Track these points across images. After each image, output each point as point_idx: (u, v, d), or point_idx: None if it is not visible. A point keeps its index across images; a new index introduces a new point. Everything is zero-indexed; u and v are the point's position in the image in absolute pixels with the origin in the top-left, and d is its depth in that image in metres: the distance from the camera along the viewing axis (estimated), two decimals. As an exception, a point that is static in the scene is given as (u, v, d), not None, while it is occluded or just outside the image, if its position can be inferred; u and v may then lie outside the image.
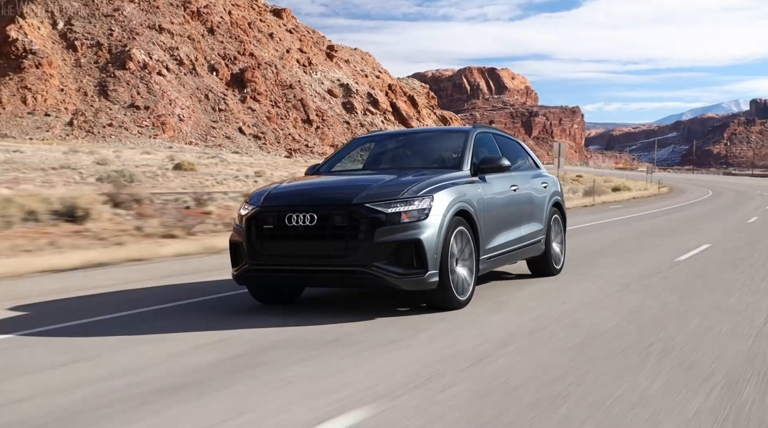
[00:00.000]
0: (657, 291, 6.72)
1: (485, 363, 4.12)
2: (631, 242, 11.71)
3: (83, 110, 77.81)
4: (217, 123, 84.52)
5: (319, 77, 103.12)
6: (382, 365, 4.06)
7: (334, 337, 4.90)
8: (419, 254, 5.65)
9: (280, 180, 8.06)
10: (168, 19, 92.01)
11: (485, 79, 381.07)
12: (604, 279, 7.52)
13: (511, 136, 8.67)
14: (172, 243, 10.26)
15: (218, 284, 7.21)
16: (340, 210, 5.71)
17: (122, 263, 8.77)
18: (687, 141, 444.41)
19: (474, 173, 6.78)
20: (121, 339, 4.85)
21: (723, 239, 12.46)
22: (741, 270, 8.17)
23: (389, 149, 7.89)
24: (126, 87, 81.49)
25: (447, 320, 5.53)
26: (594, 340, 4.67)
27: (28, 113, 74.26)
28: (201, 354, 4.40)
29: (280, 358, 4.25)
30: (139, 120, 78.68)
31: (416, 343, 4.65)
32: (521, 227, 7.53)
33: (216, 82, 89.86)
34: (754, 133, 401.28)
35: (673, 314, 5.58)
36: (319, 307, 6.32)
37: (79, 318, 5.47)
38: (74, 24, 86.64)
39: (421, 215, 5.75)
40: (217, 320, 5.56)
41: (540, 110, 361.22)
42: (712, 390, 3.50)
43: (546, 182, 8.50)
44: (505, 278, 8.06)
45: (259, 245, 5.88)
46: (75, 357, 4.32)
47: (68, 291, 6.80)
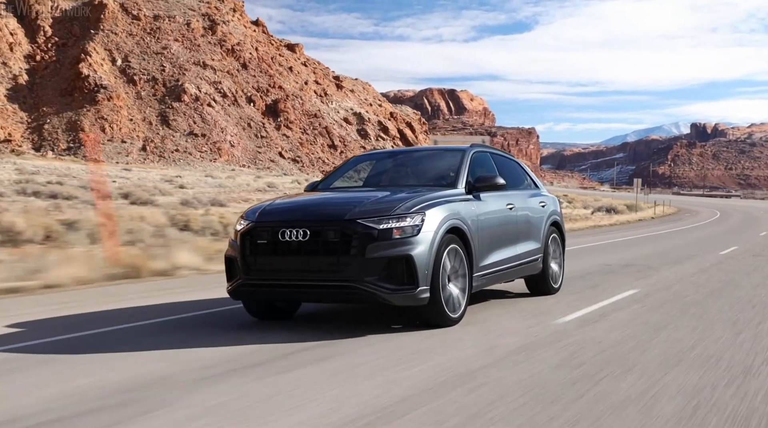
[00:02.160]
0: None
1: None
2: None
3: (152, 137, 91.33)
4: (261, 148, 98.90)
5: (334, 107, 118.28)
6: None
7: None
8: (410, 270, 5.82)
9: (277, 196, 8.67)
10: (209, 56, 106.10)
11: (445, 100, 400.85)
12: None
13: (511, 155, 8.99)
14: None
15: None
16: (332, 226, 5.89)
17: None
18: (633, 161, 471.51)
19: (469, 191, 7.01)
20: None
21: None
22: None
23: (387, 167, 8.17)
24: (183, 117, 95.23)
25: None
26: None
27: (108, 140, 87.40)
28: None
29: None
30: (198, 146, 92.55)
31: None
32: (517, 246, 7.74)
33: (254, 112, 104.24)
34: (695, 155, 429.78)
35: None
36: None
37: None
38: (131, 61, 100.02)
39: (412, 231, 5.92)
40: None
41: (498, 131, 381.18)
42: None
43: (544, 202, 8.71)
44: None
45: (252, 260, 6.13)
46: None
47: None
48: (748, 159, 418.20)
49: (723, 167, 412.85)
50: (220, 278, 7.75)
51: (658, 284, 9.82)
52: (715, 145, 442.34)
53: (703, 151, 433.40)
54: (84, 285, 9.53)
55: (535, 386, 4.30)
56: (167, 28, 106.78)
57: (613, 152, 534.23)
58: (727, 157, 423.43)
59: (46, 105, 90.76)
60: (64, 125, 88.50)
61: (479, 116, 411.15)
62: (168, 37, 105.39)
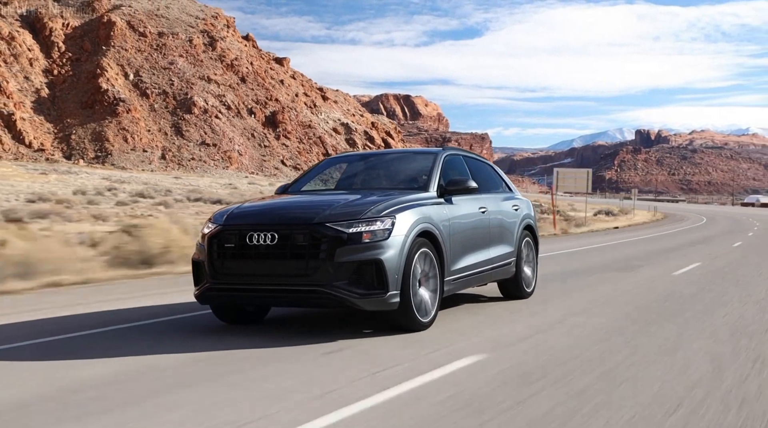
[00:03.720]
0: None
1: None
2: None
3: (169, 147, 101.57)
4: (265, 157, 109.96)
5: (323, 118, 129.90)
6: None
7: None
8: (380, 275, 5.80)
9: (246, 199, 8.64)
10: (212, 71, 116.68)
11: (401, 106, 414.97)
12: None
13: (484, 158, 8.95)
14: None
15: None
16: (301, 229, 5.87)
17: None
18: (581, 166, 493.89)
19: (440, 194, 6.99)
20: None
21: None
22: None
23: (360, 170, 8.08)
24: (195, 127, 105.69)
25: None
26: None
27: (131, 150, 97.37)
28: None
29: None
30: (211, 154, 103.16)
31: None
32: (490, 249, 7.74)
33: (256, 123, 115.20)
34: (640, 160, 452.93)
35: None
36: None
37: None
38: (142, 75, 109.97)
39: (382, 235, 5.90)
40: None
41: (452, 136, 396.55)
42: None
43: (517, 205, 8.71)
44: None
45: (220, 264, 6.09)
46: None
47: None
48: (690, 165, 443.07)
49: (666, 173, 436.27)
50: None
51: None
52: (659, 151, 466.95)
53: (647, 157, 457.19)
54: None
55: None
56: (172, 45, 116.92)
57: (562, 157, 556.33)
58: (670, 163, 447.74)
59: (70, 117, 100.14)
60: (90, 136, 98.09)
61: (433, 122, 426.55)
62: (173, 53, 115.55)
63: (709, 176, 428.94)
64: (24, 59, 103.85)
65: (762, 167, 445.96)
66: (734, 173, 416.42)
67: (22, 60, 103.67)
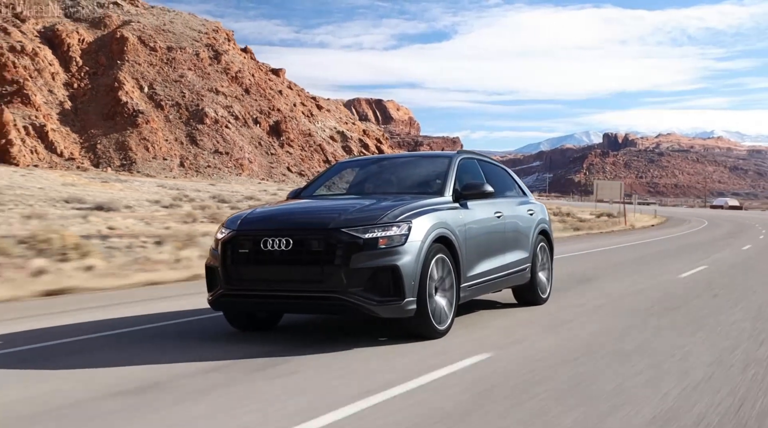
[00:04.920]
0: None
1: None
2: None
3: (186, 155, 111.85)
4: (273, 164, 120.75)
5: (320, 126, 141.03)
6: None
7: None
8: (396, 281, 5.88)
9: (259, 204, 8.51)
10: (219, 83, 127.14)
11: (373, 110, 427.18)
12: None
13: (497, 162, 9.01)
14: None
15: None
16: (315, 235, 5.96)
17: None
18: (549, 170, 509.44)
19: (456, 199, 7.09)
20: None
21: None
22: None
23: (372, 174, 8.24)
24: (208, 137, 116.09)
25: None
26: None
27: (153, 158, 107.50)
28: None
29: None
30: (224, 162, 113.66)
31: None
32: (505, 255, 7.86)
33: (261, 132, 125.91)
34: (609, 164, 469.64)
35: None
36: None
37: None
38: (155, 88, 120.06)
39: (399, 241, 5.98)
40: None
41: (424, 140, 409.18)
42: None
43: (532, 210, 8.85)
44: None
45: (234, 270, 6.22)
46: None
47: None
48: (657, 168, 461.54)
49: (634, 176, 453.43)
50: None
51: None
52: (627, 154, 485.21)
53: (615, 160, 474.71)
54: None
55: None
56: (180, 58, 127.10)
57: (530, 160, 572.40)
58: (637, 166, 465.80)
59: (93, 127, 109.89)
60: (114, 145, 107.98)
61: (405, 126, 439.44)
62: (182, 67, 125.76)
63: (676, 178, 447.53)
64: (47, 74, 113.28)
65: (727, 169, 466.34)
66: (700, 175, 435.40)
67: (45, 74, 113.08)
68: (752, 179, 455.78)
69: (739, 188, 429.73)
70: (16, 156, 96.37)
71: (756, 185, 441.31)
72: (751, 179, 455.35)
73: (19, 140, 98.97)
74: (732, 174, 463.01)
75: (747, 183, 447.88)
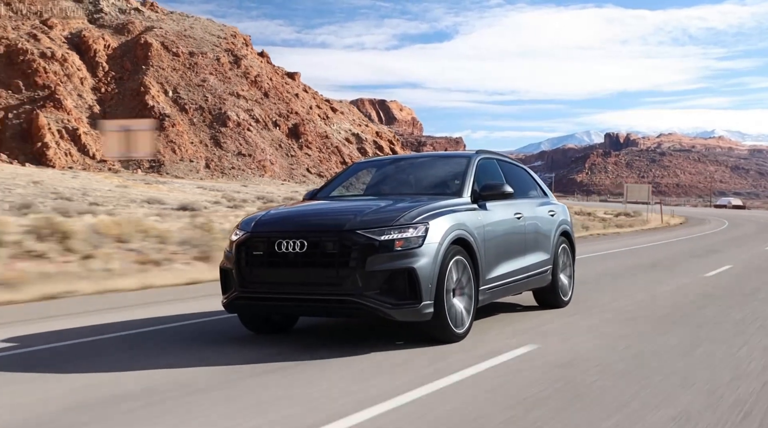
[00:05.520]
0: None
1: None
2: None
3: (211, 157, 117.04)
4: (293, 166, 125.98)
5: (336, 128, 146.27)
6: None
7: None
8: (413, 284, 5.87)
9: (274, 205, 8.45)
10: (239, 87, 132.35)
11: (376, 110, 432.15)
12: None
13: (517, 162, 8.99)
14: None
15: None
16: (330, 237, 5.96)
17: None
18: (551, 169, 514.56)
19: (474, 199, 7.08)
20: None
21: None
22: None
23: (389, 175, 8.27)
24: (231, 139, 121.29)
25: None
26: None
27: (180, 160, 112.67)
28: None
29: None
30: (247, 164, 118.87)
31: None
32: (526, 257, 7.86)
33: (281, 135, 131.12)
34: (610, 164, 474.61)
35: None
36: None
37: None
38: (179, 92, 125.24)
39: (415, 243, 5.96)
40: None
41: (427, 140, 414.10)
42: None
43: (554, 211, 8.83)
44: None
45: (248, 272, 6.25)
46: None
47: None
48: (659, 168, 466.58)
49: (636, 176, 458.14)
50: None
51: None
52: (628, 154, 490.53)
53: (617, 160, 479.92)
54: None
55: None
56: (202, 63, 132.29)
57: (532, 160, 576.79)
58: (639, 166, 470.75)
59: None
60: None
61: (408, 126, 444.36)
62: (204, 71, 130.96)
63: (678, 178, 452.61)
64: (76, 79, 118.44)
65: (728, 169, 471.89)
66: (702, 175, 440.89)
67: (74, 79, 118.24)
68: (753, 179, 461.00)
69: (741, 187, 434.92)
70: (52, 158, 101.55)
71: (757, 184, 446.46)
72: (752, 179, 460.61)
73: (54, 142, 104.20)
74: (733, 174, 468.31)
75: (748, 183, 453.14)
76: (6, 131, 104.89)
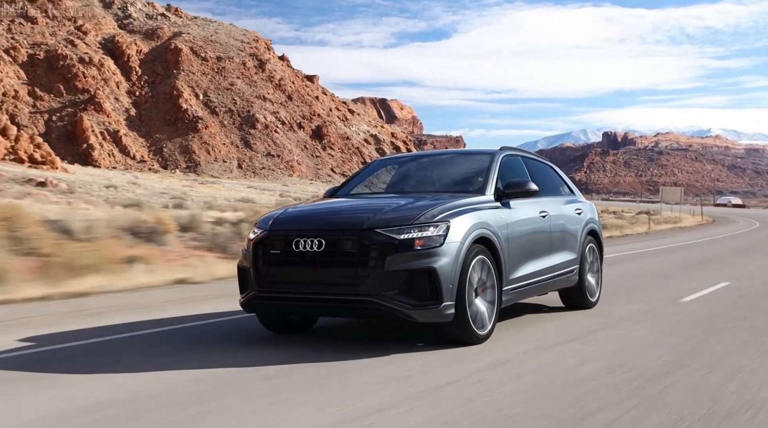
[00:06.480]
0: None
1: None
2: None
3: (243, 158, 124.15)
4: (319, 166, 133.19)
5: (355, 130, 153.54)
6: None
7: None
8: (433, 285, 5.78)
9: (293, 203, 8.33)
10: (265, 91, 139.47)
11: (377, 109, 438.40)
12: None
13: (543, 159, 8.89)
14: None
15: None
16: (349, 235, 5.87)
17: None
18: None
19: (498, 198, 6.95)
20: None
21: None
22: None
23: (411, 172, 8.18)
24: (260, 141, 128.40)
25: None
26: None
27: (214, 161, 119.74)
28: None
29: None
30: (276, 164, 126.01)
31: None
32: (551, 256, 7.73)
33: (305, 136, 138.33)
34: (609, 163, 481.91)
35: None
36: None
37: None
38: (209, 95, 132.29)
39: (436, 242, 5.85)
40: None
41: (428, 139, 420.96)
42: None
43: (580, 209, 8.69)
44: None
45: (265, 271, 6.18)
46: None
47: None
48: (657, 167, 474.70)
49: (634, 175, 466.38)
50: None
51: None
52: (627, 153, 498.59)
53: (615, 159, 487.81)
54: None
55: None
56: (229, 68, 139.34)
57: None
58: (637, 164, 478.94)
59: (157, 132, 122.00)
60: (178, 149, 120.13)
61: (408, 125, 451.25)
62: (232, 75, 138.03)
63: (675, 177, 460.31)
64: (112, 83, 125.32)
65: (725, 168, 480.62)
66: (699, 174, 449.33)
67: (111, 84, 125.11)
68: (750, 178, 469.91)
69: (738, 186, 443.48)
70: (97, 159, 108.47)
71: (754, 183, 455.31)
72: (749, 178, 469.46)
73: (97, 144, 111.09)
74: (730, 173, 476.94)
75: (745, 181, 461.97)
76: (51, 133, 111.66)
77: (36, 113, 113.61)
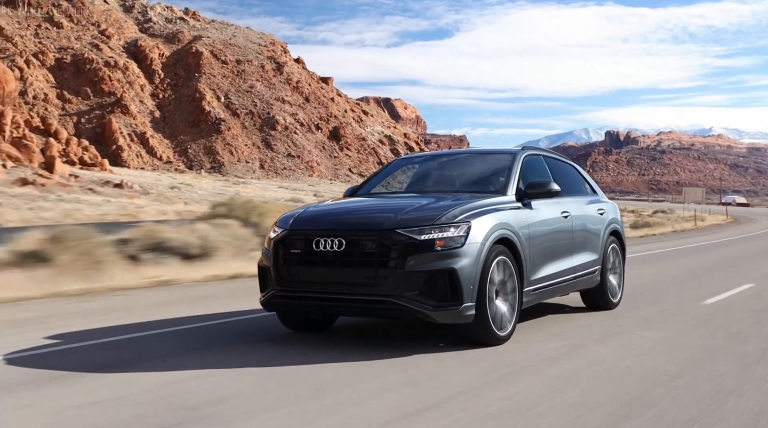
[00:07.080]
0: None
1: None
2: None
3: (264, 159, 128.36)
4: (337, 166, 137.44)
5: (370, 130, 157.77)
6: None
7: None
8: (454, 285, 5.77)
9: (314, 202, 8.86)
10: (284, 93, 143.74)
11: (381, 109, 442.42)
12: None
13: (566, 158, 8.86)
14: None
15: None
16: (369, 236, 5.87)
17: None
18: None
19: (519, 198, 6.92)
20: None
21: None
22: None
23: (432, 171, 8.11)
24: (280, 142, 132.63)
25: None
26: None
27: (237, 161, 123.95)
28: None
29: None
30: (297, 164, 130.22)
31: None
32: (573, 257, 7.69)
33: (323, 137, 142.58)
34: (611, 161, 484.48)
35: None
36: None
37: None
38: (230, 98, 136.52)
39: (457, 242, 5.86)
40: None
41: (432, 139, 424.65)
42: None
43: (603, 209, 8.63)
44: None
45: (286, 271, 6.19)
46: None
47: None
48: (659, 166, 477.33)
49: (636, 173, 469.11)
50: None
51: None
52: (629, 152, 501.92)
53: (618, 158, 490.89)
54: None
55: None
56: (249, 70, 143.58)
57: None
58: (640, 163, 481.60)
59: (181, 134, 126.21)
60: (202, 150, 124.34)
61: (412, 124, 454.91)
62: (251, 78, 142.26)
63: (678, 176, 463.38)
64: (137, 86, 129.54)
65: (728, 167, 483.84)
66: (701, 173, 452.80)
67: (136, 87, 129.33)
68: (752, 177, 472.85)
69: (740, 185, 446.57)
70: (126, 160, 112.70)
71: (756, 182, 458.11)
72: (751, 177, 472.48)
73: (126, 145, 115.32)
74: (732, 172, 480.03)
75: (747, 180, 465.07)
76: (81, 135, 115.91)
77: (65, 115, 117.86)
